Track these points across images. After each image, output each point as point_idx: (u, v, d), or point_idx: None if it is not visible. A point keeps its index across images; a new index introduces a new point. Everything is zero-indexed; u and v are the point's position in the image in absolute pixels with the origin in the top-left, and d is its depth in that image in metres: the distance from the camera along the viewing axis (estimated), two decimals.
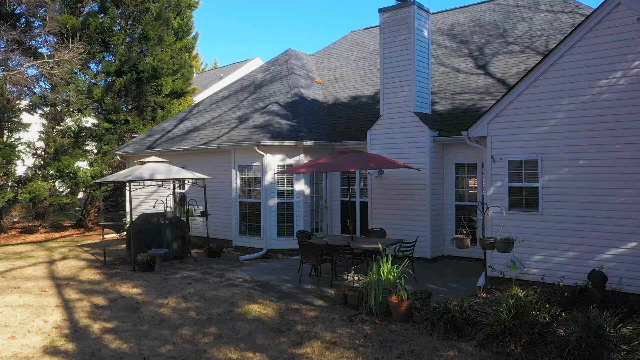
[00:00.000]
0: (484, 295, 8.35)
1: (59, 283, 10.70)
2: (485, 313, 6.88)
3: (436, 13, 18.46)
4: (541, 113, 9.06)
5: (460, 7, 17.93)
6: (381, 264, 8.08)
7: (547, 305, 6.81)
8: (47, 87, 19.78)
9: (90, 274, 11.58)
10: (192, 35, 23.93)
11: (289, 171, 11.82)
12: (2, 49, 17.74)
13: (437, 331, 7.00)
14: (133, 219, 13.06)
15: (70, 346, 6.78)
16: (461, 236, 7.82)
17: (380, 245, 8.84)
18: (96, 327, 7.60)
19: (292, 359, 6.24)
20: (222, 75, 33.02)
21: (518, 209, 9.34)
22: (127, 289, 10.06)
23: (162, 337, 7.08)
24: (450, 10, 18.22)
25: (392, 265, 8.11)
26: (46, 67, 15.81)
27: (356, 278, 9.37)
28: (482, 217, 8.06)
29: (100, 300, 9.17)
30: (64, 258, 13.80)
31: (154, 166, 13.08)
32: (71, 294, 9.74)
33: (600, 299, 7.23)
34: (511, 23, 15.22)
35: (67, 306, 8.82)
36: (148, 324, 7.69)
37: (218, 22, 79.33)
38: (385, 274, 7.96)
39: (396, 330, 7.18)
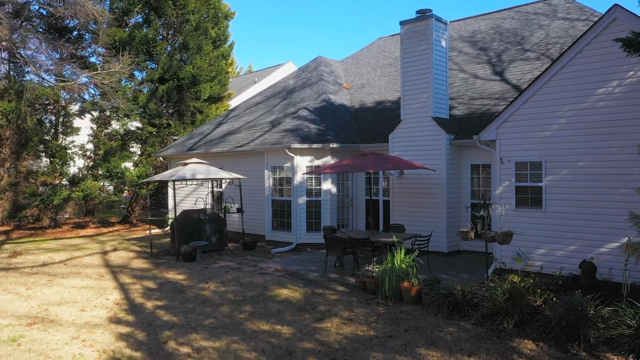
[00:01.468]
0: (488, 283, 9.26)
1: (114, 270, 12.16)
2: (484, 297, 7.83)
3: (459, 20, 19.27)
4: (545, 119, 9.90)
5: (482, 15, 18.69)
6: (395, 254, 9.11)
7: (539, 290, 7.71)
8: (96, 93, 21.59)
9: (139, 263, 13.02)
10: (228, 43, 25.41)
11: (315, 172, 12.98)
12: (56, 60, 19.59)
13: (442, 312, 8.01)
14: (176, 215, 14.48)
15: (130, 317, 8.12)
16: (466, 230, 8.78)
17: (394, 238, 9.87)
18: (149, 304, 8.93)
19: (314, 331, 7.37)
20: (256, 79, 34.49)
21: (524, 206, 10.21)
22: (173, 275, 11.41)
23: (205, 313, 8.33)
24: (473, 17, 19.00)
25: (405, 255, 9.14)
26: (99, 78, 17.46)
27: (375, 268, 10.41)
28: (486, 213, 8.98)
29: (150, 284, 10.53)
30: (114, 250, 15.34)
31: (195, 167, 14.45)
32: (125, 278, 11.15)
33: (589, 286, 8.07)
34: (529, 30, 15.93)
35: (123, 288, 10.22)
36: (192, 303, 8.97)
37: (252, 27, 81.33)
38: (398, 262, 8.99)
39: (406, 311, 8.22)
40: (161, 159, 21.58)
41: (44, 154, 21.72)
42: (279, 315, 8.14)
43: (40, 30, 20.04)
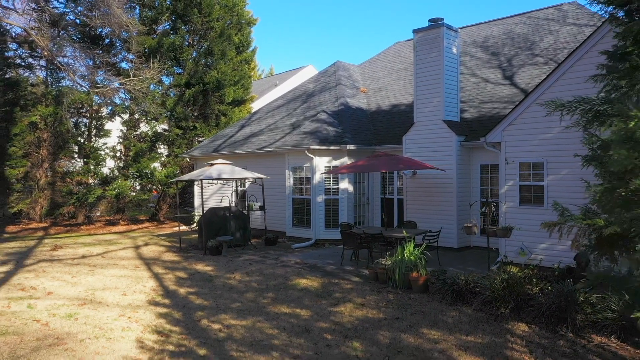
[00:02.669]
0: (491, 274, 10.00)
1: (147, 262, 13.23)
2: (485, 285, 8.60)
3: (472, 25, 19.93)
4: (546, 122, 10.59)
5: (495, 20, 19.32)
6: (405, 247, 9.93)
7: (535, 280, 8.45)
8: (126, 97, 22.86)
9: (169, 256, 14.07)
10: (251, 48, 26.47)
11: (332, 172, 13.87)
12: (90, 66, 20.87)
13: (446, 299, 8.81)
14: (204, 212, 15.51)
15: (166, 301, 9.12)
16: (469, 225, 9.55)
17: (404, 233, 10.68)
18: (182, 290, 9.93)
19: (329, 314, 8.25)
20: (277, 82, 35.53)
21: (527, 204, 10.92)
22: (201, 267, 12.41)
23: (232, 298, 9.29)
24: (486, 22, 19.64)
25: (414, 248, 9.95)
26: (130, 84, 18.67)
27: (387, 261, 11.23)
28: (487, 210, 9.73)
29: (181, 274, 11.55)
30: (146, 244, 16.46)
31: (220, 167, 15.47)
32: (158, 269, 12.19)
33: (583, 276, 8.75)
34: (539, 36, 16.53)
35: (157, 277, 11.25)
36: (221, 290, 9.93)
37: (273, 30, 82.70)
38: (408, 255, 9.80)
39: (413, 298, 9.04)
40: (188, 159, 22.72)
41: (77, 155, 23.10)
42: (298, 301, 9.04)
43: (75, 38, 21.36)
